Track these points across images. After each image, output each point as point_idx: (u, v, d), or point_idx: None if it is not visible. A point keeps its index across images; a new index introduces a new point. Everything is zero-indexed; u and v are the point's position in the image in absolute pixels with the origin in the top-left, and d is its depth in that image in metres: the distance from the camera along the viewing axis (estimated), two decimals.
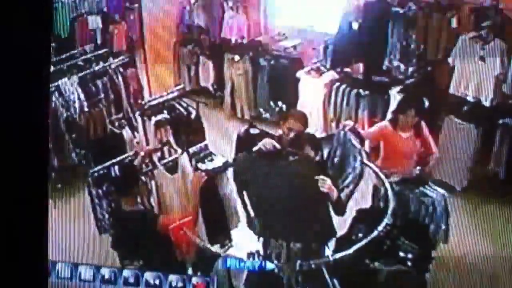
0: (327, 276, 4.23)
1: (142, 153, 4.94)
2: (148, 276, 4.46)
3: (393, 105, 5.55)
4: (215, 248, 4.49)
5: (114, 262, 4.62)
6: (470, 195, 5.30)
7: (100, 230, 5.20)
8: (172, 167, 4.94)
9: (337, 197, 4.21)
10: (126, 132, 5.70)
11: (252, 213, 4.35)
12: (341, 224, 4.45)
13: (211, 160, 5.00)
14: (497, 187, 5.31)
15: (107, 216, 5.10)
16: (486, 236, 4.82)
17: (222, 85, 6.64)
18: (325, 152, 4.83)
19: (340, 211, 4.32)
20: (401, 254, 4.34)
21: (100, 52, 6.21)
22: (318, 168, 4.29)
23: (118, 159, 5.11)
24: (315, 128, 5.83)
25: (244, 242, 4.45)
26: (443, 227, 4.54)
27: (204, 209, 4.70)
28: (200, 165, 4.94)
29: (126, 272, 4.50)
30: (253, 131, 5.09)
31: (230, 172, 4.81)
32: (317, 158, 4.45)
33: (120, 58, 6.22)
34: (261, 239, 4.28)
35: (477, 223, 4.88)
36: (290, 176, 4.16)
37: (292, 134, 4.60)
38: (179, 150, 4.99)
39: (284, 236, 4.19)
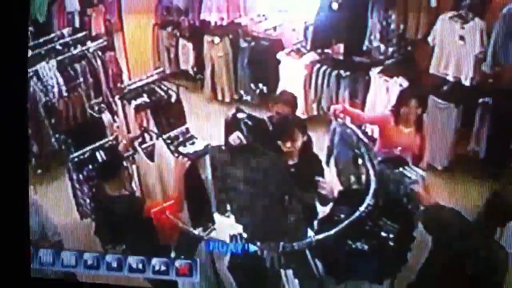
0: (309, 257, 4.26)
1: (124, 141, 4.93)
2: (131, 260, 4.46)
3: (393, 97, 5.42)
4: (198, 231, 4.49)
5: (96, 247, 4.62)
6: (451, 174, 5.34)
7: (81, 215, 5.20)
8: (151, 153, 4.94)
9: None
10: (106, 117, 5.66)
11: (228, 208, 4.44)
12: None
13: (193, 143, 4.99)
14: (477, 166, 5.35)
15: (88, 201, 5.10)
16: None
17: (202, 68, 6.60)
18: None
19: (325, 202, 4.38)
20: (383, 234, 4.37)
21: (78, 35, 6.14)
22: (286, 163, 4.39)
23: (98, 143, 5.10)
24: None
25: (227, 225, 4.46)
26: (422, 208, 4.57)
27: (187, 193, 4.69)
28: (181, 148, 4.93)
29: (109, 257, 4.50)
30: (240, 115, 5.07)
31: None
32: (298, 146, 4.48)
33: (98, 41, 6.16)
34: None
35: (457, 202, 4.91)
36: (259, 170, 4.22)
37: (280, 117, 4.65)
38: (155, 137, 4.98)
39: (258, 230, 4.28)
